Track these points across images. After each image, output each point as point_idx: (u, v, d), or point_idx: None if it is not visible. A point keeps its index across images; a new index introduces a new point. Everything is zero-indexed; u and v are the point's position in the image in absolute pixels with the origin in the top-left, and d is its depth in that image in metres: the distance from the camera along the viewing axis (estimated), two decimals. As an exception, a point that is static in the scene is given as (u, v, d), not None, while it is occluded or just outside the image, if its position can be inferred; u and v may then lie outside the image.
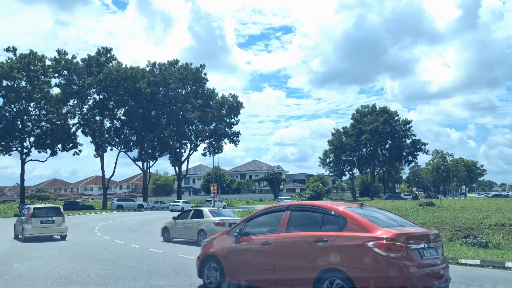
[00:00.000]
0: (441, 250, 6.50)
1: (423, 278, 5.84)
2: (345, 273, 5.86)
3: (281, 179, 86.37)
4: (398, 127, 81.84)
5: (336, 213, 6.52)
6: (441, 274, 6.17)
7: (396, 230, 6.07)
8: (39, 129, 59.15)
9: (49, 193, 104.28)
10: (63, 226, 17.99)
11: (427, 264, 6.01)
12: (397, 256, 5.72)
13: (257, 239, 7.37)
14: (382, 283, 5.66)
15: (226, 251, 7.75)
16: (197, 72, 64.29)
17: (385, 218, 6.74)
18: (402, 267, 5.71)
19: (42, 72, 56.84)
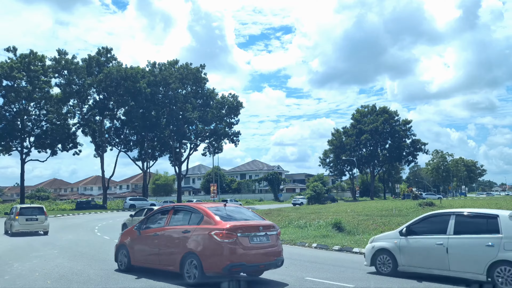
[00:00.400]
0: (274, 237, 8.85)
1: (249, 257, 8.24)
2: (197, 255, 8.29)
3: (281, 179, 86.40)
4: (398, 127, 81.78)
5: (198, 210, 8.97)
6: (269, 255, 8.56)
7: (233, 224, 8.33)
8: (39, 129, 59.17)
9: (49, 193, 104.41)
10: (45, 223, 20.71)
11: (255, 247, 8.35)
12: (229, 241, 8.07)
13: (150, 232, 9.70)
14: (218, 261, 8.02)
15: (131, 241, 10.17)
16: (197, 72, 64.27)
17: (238, 214, 9.11)
18: (232, 249, 8.04)
19: (42, 72, 56.85)
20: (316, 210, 30.31)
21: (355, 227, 18.97)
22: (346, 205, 36.04)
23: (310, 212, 28.47)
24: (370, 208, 29.11)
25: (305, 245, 15.18)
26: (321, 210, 30.50)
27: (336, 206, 35.31)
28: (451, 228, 9.06)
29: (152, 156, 68.57)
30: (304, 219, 23.11)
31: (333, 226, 18.75)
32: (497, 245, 8.33)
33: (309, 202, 53.33)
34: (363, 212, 25.87)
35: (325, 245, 14.50)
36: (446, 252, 8.90)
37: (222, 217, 8.59)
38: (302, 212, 28.18)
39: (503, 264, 8.20)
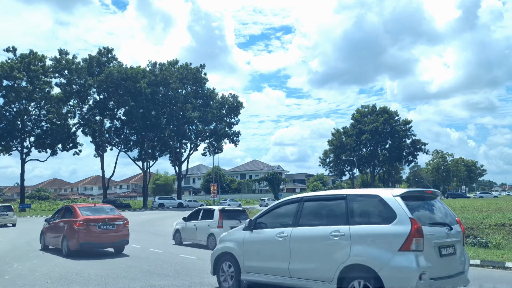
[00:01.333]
0: (120, 226, 13.21)
1: (96, 238, 12.71)
2: (66, 237, 12.96)
3: (281, 179, 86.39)
4: (398, 127, 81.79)
5: (72, 209, 13.54)
6: (113, 237, 13.03)
7: (86, 217, 12.82)
8: (39, 129, 59.24)
9: (49, 193, 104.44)
10: (13, 218, 29.42)
11: (101, 232, 12.79)
12: (81, 228, 12.57)
13: (57, 223, 14.14)
14: (76, 240, 12.61)
15: None
16: (197, 72, 64.31)
17: (99, 212, 13.59)
18: (83, 233, 12.54)
19: (42, 72, 56.91)
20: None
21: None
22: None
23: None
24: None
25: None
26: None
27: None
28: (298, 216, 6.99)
29: (152, 156, 68.54)
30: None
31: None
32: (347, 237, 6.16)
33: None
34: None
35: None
36: (288, 249, 6.84)
37: (85, 213, 13.07)
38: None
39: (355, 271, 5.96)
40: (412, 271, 5.59)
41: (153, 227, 26.24)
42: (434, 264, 5.83)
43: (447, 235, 6.20)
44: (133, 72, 58.58)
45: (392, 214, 5.98)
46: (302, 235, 6.76)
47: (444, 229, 6.22)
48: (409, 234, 5.71)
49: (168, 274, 9.53)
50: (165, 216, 37.34)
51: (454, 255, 6.27)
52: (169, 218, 32.97)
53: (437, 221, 6.39)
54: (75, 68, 57.85)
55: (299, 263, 6.68)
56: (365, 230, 6.11)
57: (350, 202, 6.51)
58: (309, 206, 7.04)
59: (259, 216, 7.65)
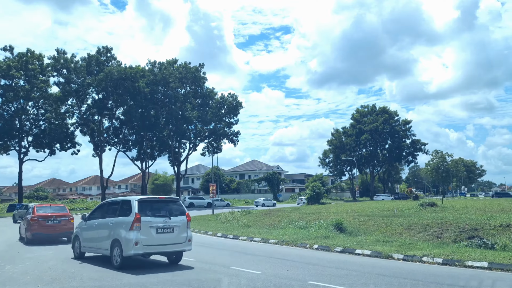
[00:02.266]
0: (65, 221, 17.29)
1: (45, 230, 16.72)
2: (25, 229, 17.33)
3: (281, 179, 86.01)
4: (398, 127, 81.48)
5: (31, 207, 18.65)
6: (59, 230, 17.10)
7: (38, 214, 16.93)
8: (37, 129, 58.85)
9: (47, 193, 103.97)
10: None
11: (49, 225, 16.77)
12: (33, 222, 16.60)
13: None
14: (29, 232, 16.67)
15: None
16: (196, 71, 63.89)
17: (52, 209, 17.95)
18: (35, 226, 16.57)
19: (40, 71, 56.50)
20: (317, 210, 29.98)
21: (356, 228, 18.61)
22: (346, 206, 35.72)
23: (311, 212, 28.12)
24: (370, 208, 28.77)
25: (306, 246, 14.82)
26: (322, 210, 30.17)
27: (336, 207, 34.99)
28: None
29: (151, 156, 68.12)
30: (304, 219, 22.76)
31: (334, 227, 18.38)
32: None
33: (309, 202, 52.97)
34: (364, 212, 25.54)
35: (326, 246, 14.12)
36: (95, 231, 12.08)
37: (40, 211, 17.29)
38: (302, 213, 27.86)
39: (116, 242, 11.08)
40: (131, 241, 10.23)
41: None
42: (149, 238, 10.45)
43: (165, 222, 10.74)
44: (132, 72, 58.17)
45: (131, 211, 10.66)
46: (101, 222, 11.73)
47: (162, 219, 10.77)
48: (133, 221, 10.36)
49: (161, 266, 9.16)
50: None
51: (171, 233, 10.79)
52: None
53: (159, 214, 10.90)
54: (74, 67, 57.43)
55: (98, 238, 11.67)
56: (121, 220, 10.83)
57: (120, 203, 11.45)
58: (105, 206, 12.46)
59: (90, 213, 12.68)
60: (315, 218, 22.83)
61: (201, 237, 19.27)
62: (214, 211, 37.48)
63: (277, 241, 16.13)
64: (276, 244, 15.89)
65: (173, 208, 11.14)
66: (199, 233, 21.29)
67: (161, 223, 10.56)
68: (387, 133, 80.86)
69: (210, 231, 21.02)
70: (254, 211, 36.15)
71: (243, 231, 20.27)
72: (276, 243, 16.02)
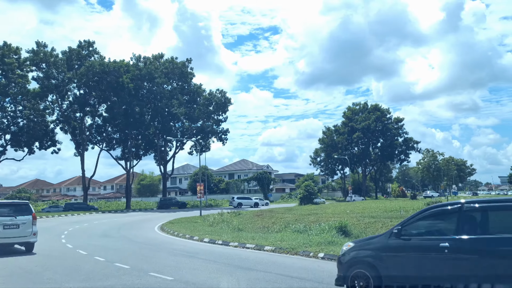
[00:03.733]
0: None
1: None
2: None
3: (271, 179, 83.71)
4: (390, 125, 79.83)
5: None
6: None
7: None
8: (15, 126, 55.71)
9: (30, 194, 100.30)
10: None
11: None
12: None
13: None
14: None
15: None
16: (183, 66, 61.38)
17: None
18: None
19: (17, 66, 53.45)
20: (312, 211, 27.80)
21: (362, 231, 16.41)
22: (343, 206, 33.62)
23: (306, 213, 25.92)
24: (371, 208, 26.68)
25: (309, 254, 12.50)
26: (317, 211, 28.00)
27: (332, 207, 32.86)
28: None
29: (136, 155, 65.37)
30: (301, 221, 20.52)
31: (337, 230, 16.15)
32: None
33: (301, 203, 50.82)
34: (365, 213, 23.41)
35: (334, 255, 11.80)
36: None
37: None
38: (298, 214, 25.62)
39: None
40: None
41: (131, 231, 23.36)
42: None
43: (10, 220, 13.33)
44: (116, 66, 55.39)
45: (30, 211, 13.90)
46: None
47: (9, 218, 13.38)
48: None
49: None
50: (148, 218, 34.46)
51: (17, 229, 13.41)
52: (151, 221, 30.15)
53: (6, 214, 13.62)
54: (54, 61, 54.49)
55: None
56: (26, 218, 13.60)
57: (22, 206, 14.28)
58: None
59: None
60: (314, 220, 20.61)
61: (186, 243, 16.86)
62: (202, 213, 35.04)
63: (273, 248, 13.77)
64: (273, 252, 13.55)
65: (21, 209, 13.87)
66: (183, 238, 18.87)
67: (8, 221, 13.25)
68: (379, 131, 79.20)
69: (196, 236, 18.60)
70: (244, 212, 34.04)
71: (234, 235, 17.86)
72: (272, 250, 13.66)
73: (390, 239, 6.78)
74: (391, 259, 6.67)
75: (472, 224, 6.23)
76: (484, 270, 5.85)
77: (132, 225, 27.68)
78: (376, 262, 6.74)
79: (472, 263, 5.93)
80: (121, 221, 31.45)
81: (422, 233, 6.72)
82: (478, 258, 5.92)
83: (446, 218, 6.68)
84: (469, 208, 6.37)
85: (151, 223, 28.46)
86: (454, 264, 6.04)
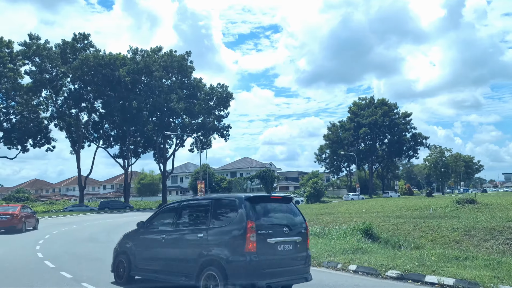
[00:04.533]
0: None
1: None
2: None
3: (275, 177, 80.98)
4: (397, 120, 77.04)
5: None
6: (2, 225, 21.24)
7: None
8: (7, 123, 53.20)
9: (29, 194, 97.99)
10: None
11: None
12: None
13: None
14: None
15: None
16: (182, 60, 58.64)
17: None
18: None
19: (10, 60, 50.91)
20: (324, 210, 25.21)
21: (393, 234, 13.77)
22: (355, 204, 30.97)
23: (318, 212, 23.33)
24: (389, 207, 24.06)
25: (336, 266, 9.84)
26: (329, 210, 25.41)
27: (344, 205, 30.22)
28: None
29: (134, 153, 62.84)
30: (316, 222, 17.92)
31: (362, 233, 13.53)
32: None
33: (308, 201, 48.20)
34: (386, 212, 20.77)
35: (371, 268, 9.14)
36: None
37: None
38: (309, 213, 22.97)
39: None
40: None
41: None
42: None
43: None
44: (112, 58, 52.79)
45: None
46: None
47: None
48: None
49: None
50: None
51: None
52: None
53: None
54: (47, 54, 51.89)
55: None
56: None
57: None
58: None
59: None
60: (330, 221, 18.00)
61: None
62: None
63: (289, 257, 11.18)
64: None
65: None
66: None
67: None
68: (386, 127, 76.41)
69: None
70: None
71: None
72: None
73: (139, 231, 8.26)
74: (138, 248, 8.08)
75: (180, 219, 7.64)
76: (176, 255, 7.19)
77: (126, 227, 25.01)
78: (130, 251, 8.18)
79: (172, 250, 7.30)
80: (114, 223, 28.88)
81: (156, 226, 8.07)
82: (173, 246, 7.32)
83: (170, 214, 7.99)
84: (182, 206, 7.84)
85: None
86: (166, 251, 7.42)
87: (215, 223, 6.83)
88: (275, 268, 6.46)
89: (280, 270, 6.52)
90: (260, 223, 6.49)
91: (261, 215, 6.65)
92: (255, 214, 6.49)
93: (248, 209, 6.45)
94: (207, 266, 6.48)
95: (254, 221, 6.36)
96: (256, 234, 6.29)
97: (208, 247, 6.59)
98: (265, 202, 7.12)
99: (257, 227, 6.36)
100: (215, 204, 7.11)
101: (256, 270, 6.19)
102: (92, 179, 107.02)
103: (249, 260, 6.16)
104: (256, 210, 6.59)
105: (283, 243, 6.65)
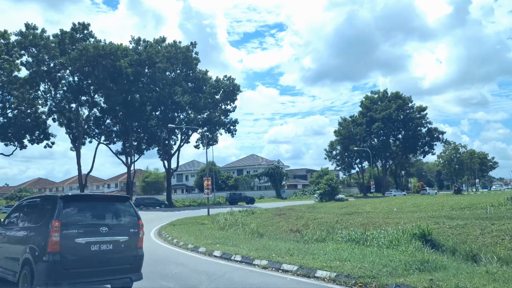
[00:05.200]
0: None
1: None
2: None
3: (284, 174, 77.86)
4: (412, 114, 73.57)
5: None
6: None
7: None
8: (3, 117, 50.52)
9: (31, 193, 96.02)
10: None
11: None
12: None
13: None
14: None
15: None
16: (187, 51, 55.51)
17: None
18: None
19: (6, 51, 48.16)
20: (344, 209, 22.10)
21: (459, 241, 10.64)
22: (381, 202, 27.80)
23: (341, 212, 20.23)
24: (423, 205, 20.95)
25: (409, 293, 6.79)
26: (351, 209, 22.29)
27: (367, 204, 27.07)
28: None
29: (138, 149, 59.96)
30: (345, 224, 14.81)
31: (420, 239, 10.40)
32: None
33: (322, 199, 45.08)
34: (427, 212, 17.63)
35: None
36: None
37: None
38: (331, 213, 19.89)
39: None
40: None
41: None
42: None
43: None
44: (112, 48, 49.81)
45: None
46: None
47: None
48: None
49: None
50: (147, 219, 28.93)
51: None
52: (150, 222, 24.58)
53: None
54: (44, 44, 49.01)
55: None
56: None
57: None
58: None
59: None
60: (363, 223, 14.87)
61: (187, 259, 11.23)
62: (209, 212, 29.46)
63: (333, 275, 8.01)
64: (334, 282, 7.84)
65: None
66: (184, 249, 13.25)
67: None
68: (400, 121, 72.93)
69: (203, 246, 12.95)
70: (259, 210, 28.60)
71: (257, 246, 12.04)
72: (332, 279, 7.92)
73: None
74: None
75: (18, 217, 7.75)
76: (9, 253, 7.26)
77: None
78: None
79: (7, 247, 7.47)
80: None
81: (9, 223, 8.06)
82: (9, 244, 7.48)
83: (16, 211, 8.08)
84: (24, 204, 8.06)
85: (149, 225, 22.96)
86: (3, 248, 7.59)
87: (37, 221, 6.87)
88: (85, 269, 6.39)
89: (91, 270, 6.43)
90: (69, 222, 6.44)
91: (74, 215, 6.64)
92: (65, 214, 6.48)
93: (59, 208, 6.44)
94: (24, 266, 6.50)
95: (61, 221, 6.33)
96: (60, 233, 6.23)
97: (27, 246, 6.63)
98: (86, 201, 7.24)
99: (64, 226, 6.30)
100: (41, 202, 7.27)
101: (59, 270, 6.14)
102: (96, 178, 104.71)
103: (51, 260, 6.12)
104: (68, 209, 6.59)
105: (99, 243, 6.60)
